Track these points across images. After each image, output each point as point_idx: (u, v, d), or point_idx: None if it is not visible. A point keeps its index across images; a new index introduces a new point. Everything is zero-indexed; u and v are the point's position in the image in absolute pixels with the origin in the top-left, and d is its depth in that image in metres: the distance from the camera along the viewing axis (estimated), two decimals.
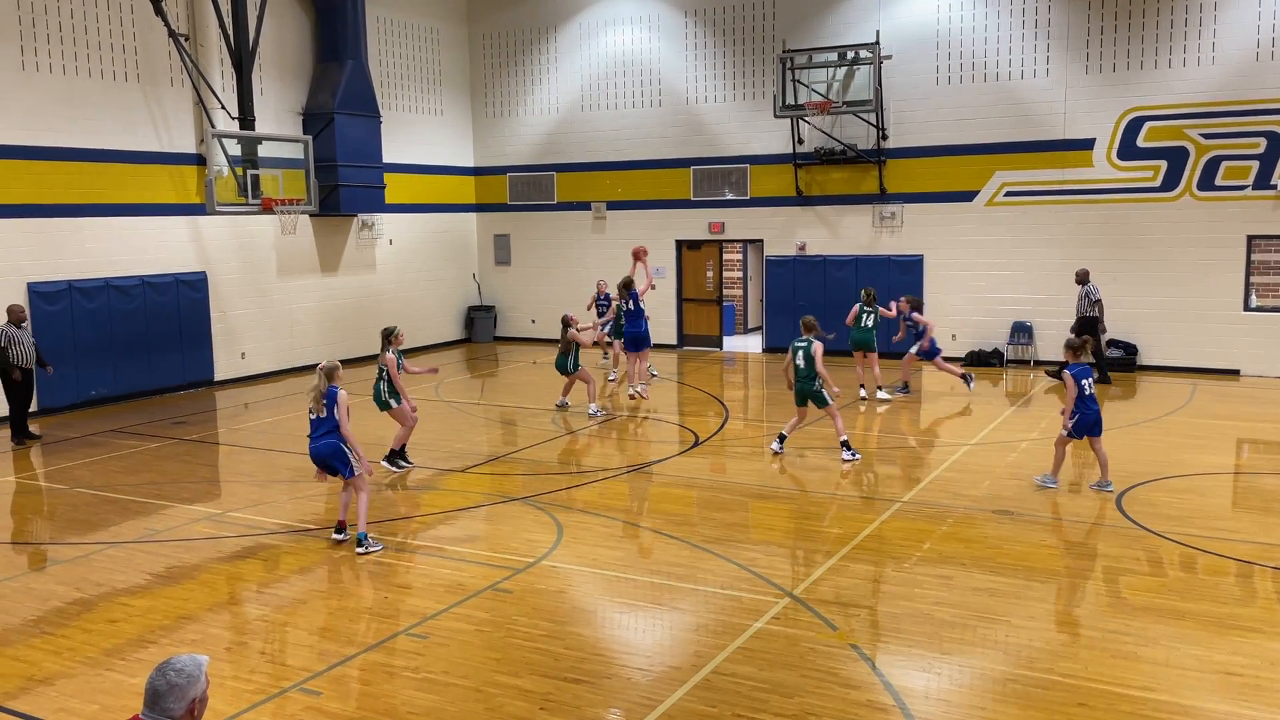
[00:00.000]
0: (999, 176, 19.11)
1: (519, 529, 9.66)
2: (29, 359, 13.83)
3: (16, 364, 13.67)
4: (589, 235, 23.20)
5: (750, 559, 8.67)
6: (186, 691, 3.37)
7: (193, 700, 3.39)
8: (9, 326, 13.72)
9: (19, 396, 13.87)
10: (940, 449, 12.81)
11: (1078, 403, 10.35)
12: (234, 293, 18.64)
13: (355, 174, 19.85)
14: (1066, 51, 18.36)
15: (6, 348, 13.62)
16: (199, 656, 3.47)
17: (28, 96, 15.33)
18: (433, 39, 22.96)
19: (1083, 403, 10.35)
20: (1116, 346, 18.44)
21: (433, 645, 7.03)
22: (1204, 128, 17.55)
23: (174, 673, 3.37)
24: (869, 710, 6.03)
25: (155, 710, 3.35)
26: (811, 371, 11.89)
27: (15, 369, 13.66)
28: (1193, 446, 12.66)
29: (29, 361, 13.83)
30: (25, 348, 13.79)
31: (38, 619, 7.67)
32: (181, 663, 3.41)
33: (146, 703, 3.38)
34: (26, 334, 13.89)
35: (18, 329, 13.75)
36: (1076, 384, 10.31)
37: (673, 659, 6.80)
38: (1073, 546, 9.01)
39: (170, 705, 3.34)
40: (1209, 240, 17.72)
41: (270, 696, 6.31)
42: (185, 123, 17.64)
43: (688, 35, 21.61)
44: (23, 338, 13.79)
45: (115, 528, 10.04)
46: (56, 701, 6.33)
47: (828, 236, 20.83)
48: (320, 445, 9.25)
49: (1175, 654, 6.73)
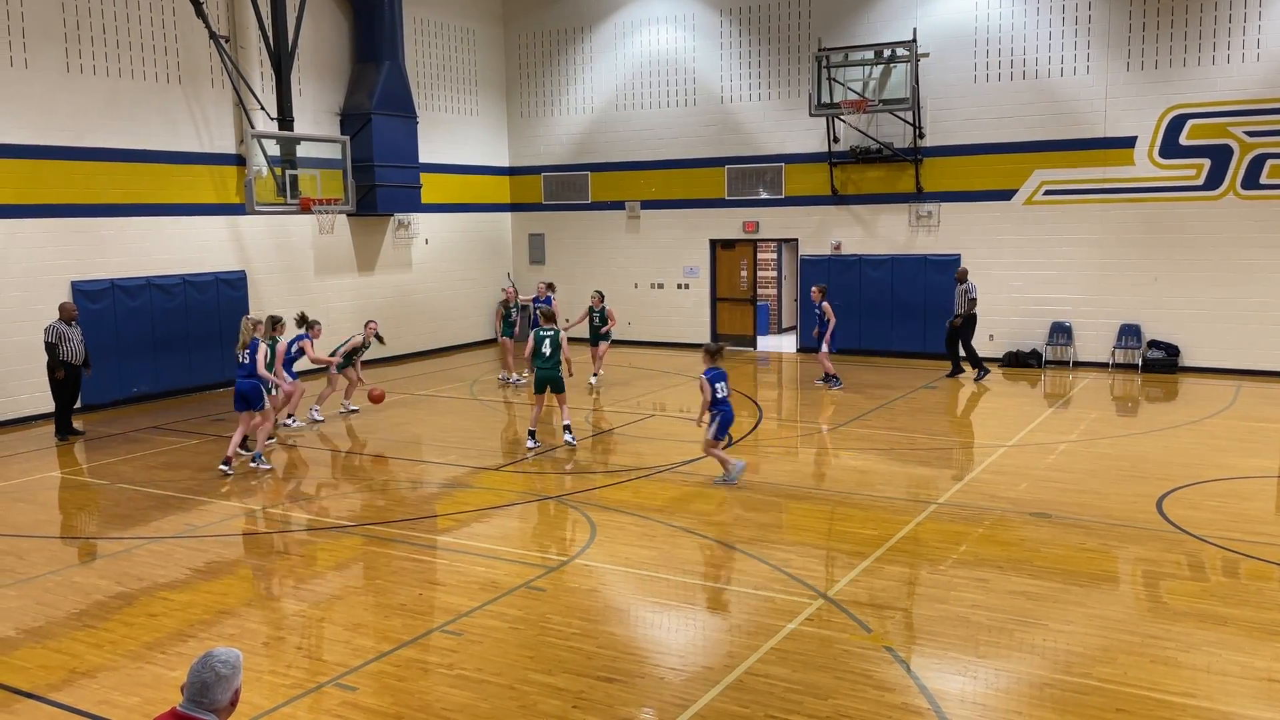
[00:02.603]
0: (1038, 175, 18.90)
1: (553, 527, 9.69)
2: (77, 356, 13.95)
3: (65, 360, 13.81)
4: (623, 235, 23.22)
5: (784, 559, 8.64)
6: (232, 682, 3.51)
7: (235, 691, 3.53)
8: (59, 324, 13.85)
9: (65, 393, 14.05)
10: (977, 450, 12.68)
11: (714, 405, 10.96)
12: (273, 291, 18.85)
13: (392, 174, 20.00)
14: (1107, 49, 18.12)
15: (55, 344, 13.75)
16: (234, 649, 3.61)
17: (72, 98, 15.59)
18: (469, 39, 23.08)
19: (718, 405, 10.98)
20: (1158, 347, 18.19)
21: (467, 642, 7.06)
22: (1248, 125, 17.25)
23: (220, 664, 3.49)
24: (903, 713, 5.99)
25: (203, 701, 3.45)
26: (557, 359, 12.73)
27: (61, 366, 13.82)
28: (1236, 449, 12.45)
29: (77, 359, 13.95)
30: (74, 345, 13.90)
31: (80, 612, 7.80)
32: (224, 655, 3.53)
33: (191, 696, 3.46)
34: (76, 332, 13.98)
35: (68, 327, 13.87)
36: (711, 386, 10.94)
37: (705, 659, 6.79)
38: (1112, 550, 8.89)
39: (218, 697, 3.47)
40: (1253, 240, 17.41)
41: (307, 691, 6.37)
42: (225, 123, 17.87)
43: (723, 34, 21.56)
44: (72, 335, 13.89)
45: (156, 523, 10.19)
46: (98, 694, 6.44)
47: (863, 236, 20.71)
48: (243, 384, 11.87)
49: (1216, 660, 6.62)
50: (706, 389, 10.99)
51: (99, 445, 13.78)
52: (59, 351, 13.77)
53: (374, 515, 10.37)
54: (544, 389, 12.82)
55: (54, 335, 13.79)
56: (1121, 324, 18.54)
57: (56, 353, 13.77)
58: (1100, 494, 10.51)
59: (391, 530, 9.75)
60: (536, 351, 12.71)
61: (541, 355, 12.69)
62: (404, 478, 11.88)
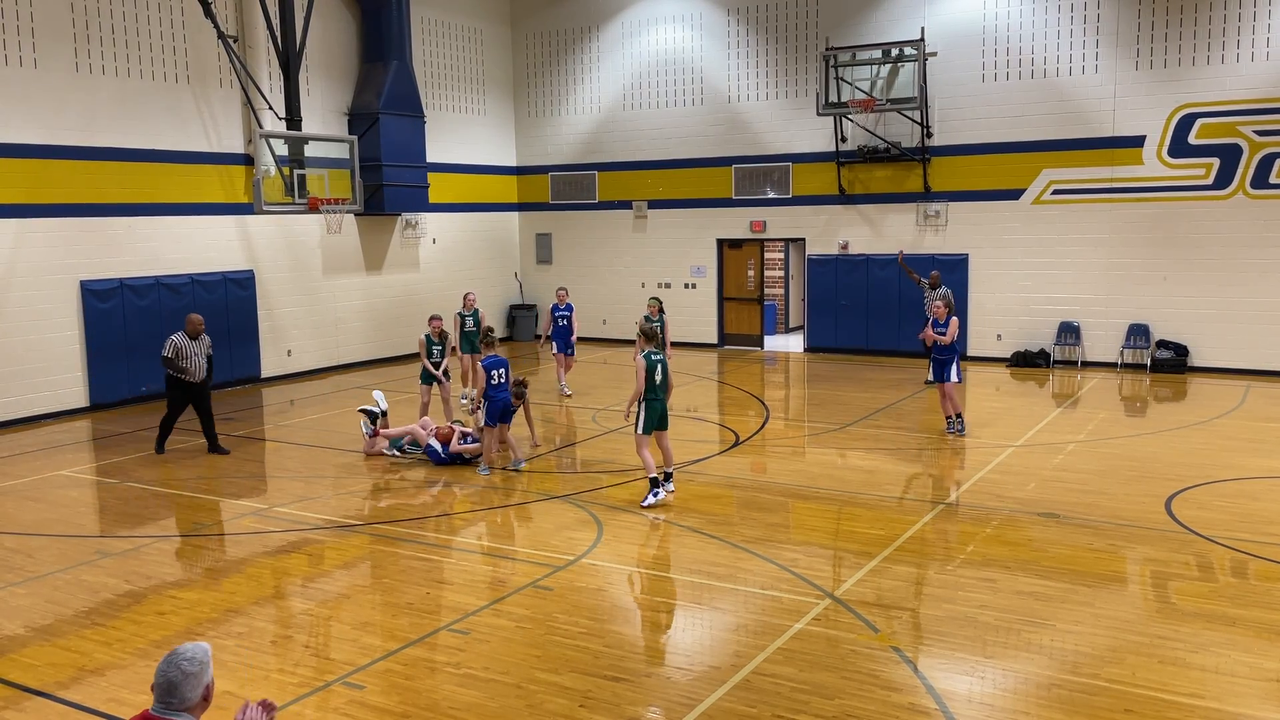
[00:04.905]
0: (1046, 174, 18.86)
1: (560, 527, 9.70)
2: (198, 373, 12.76)
3: (186, 377, 12.69)
4: (630, 234, 23.23)
5: (791, 559, 8.63)
6: (201, 678, 3.42)
7: (206, 686, 3.44)
8: (181, 337, 12.72)
9: (179, 409, 12.96)
10: (985, 450, 12.67)
11: (489, 390, 11.67)
12: (280, 291, 18.90)
13: (399, 174, 20.04)
14: (1116, 48, 18.07)
15: (174, 359, 12.64)
16: (202, 644, 3.52)
17: (81, 98, 15.65)
18: (476, 39, 23.11)
19: (493, 390, 11.70)
20: (1166, 347, 18.14)
21: (474, 641, 7.07)
22: (1258, 124, 17.19)
23: (186, 662, 3.41)
24: (910, 713, 5.98)
25: (172, 701, 3.37)
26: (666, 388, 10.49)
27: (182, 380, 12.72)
28: (1244, 449, 12.41)
29: (200, 375, 12.79)
30: (198, 361, 12.77)
31: (89, 610, 7.83)
32: (190, 651, 3.44)
33: (159, 696, 3.38)
34: (202, 345, 12.82)
35: (193, 341, 12.73)
36: (487, 374, 11.67)
37: (712, 658, 6.79)
38: (1120, 550, 8.86)
39: (187, 695, 3.38)
40: (1263, 239, 17.35)
41: (314, 690, 6.39)
42: (234, 123, 17.92)
43: (730, 33, 21.55)
44: (196, 350, 12.74)
45: (164, 521, 10.22)
46: (107, 692, 6.46)
47: (871, 235, 20.68)
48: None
49: (1225, 661, 6.60)
50: (482, 376, 11.60)
51: (108, 444, 13.82)
52: (178, 367, 12.64)
53: (381, 514, 10.39)
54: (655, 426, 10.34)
55: (171, 350, 12.61)
56: (1130, 324, 18.49)
57: (176, 368, 12.64)
58: (1108, 494, 10.48)
59: (399, 529, 9.77)
60: (648, 380, 10.27)
61: (653, 384, 10.27)
62: (420, 479, 11.90)
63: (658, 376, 10.24)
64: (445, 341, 14.26)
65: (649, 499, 10.19)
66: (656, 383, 10.24)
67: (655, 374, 10.22)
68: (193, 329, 12.74)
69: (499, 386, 11.79)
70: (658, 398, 10.29)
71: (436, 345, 14.16)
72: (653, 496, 10.20)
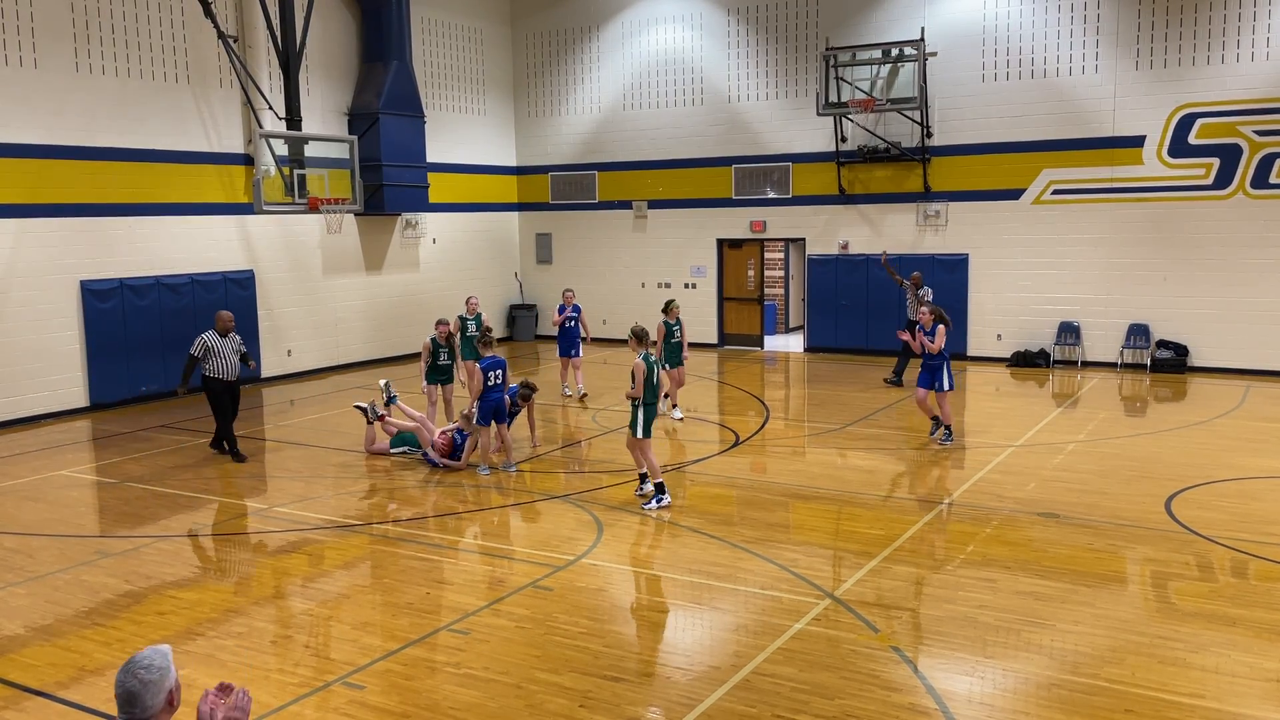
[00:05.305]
0: (1046, 174, 18.86)
1: (559, 527, 9.70)
2: (230, 371, 12.40)
3: (217, 376, 12.34)
4: (630, 234, 23.23)
5: (791, 559, 8.63)
6: (161, 685, 3.29)
7: (169, 691, 3.32)
8: (211, 335, 12.38)
9: (222, 410, 12.57)
10: (985, 450, 12.66)
11: (484, 390, 11.72)
12: (280, 291, 18.90)
13: (399, 174, 20.04)
14: (1116, 47, 18.07)
15: (202, 359, 12.31)
16: (162, 647, 3.39)
17: (81, 98, 15.65)
18: (476, 39, 23.11)
19: (488, 391, 11.75)
20: (1166, 347, 18.14)
21: (474, 641, 7.07)
22: (1258, 124, 17.19)
23: (143, 670, 3.28)
24: (911, 713, 5.98)
25: (134, 711, 3.26)
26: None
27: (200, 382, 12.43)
28: (1244, 449, 12.41)
29: (230, 374, 12.41)
30: (227, 359, 12.38)
31: (89, 610, 7.83)
32: (148, 658, 3.32)
33: (121, 708, 3.27)
34: (231, 343, 12.45)
35: (222, 339, 12.37)
36: (484, 375, 11.72)
37: (712, 659, 6.79)
38: (1120, 550, 8.86)
39: (149, 703, 3.27)
40: (1263, 239, 17.35)
41: (314, 690, 6.39)
42: (234, 123, 17.92)
43: (730, 34, 21.55)
44: (225, 347, 12.37)
45: (164, 521, 10.22)
46: (106, 692, 6.45)
47: (871, 235, 20.68)
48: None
49: (1225, 661, 6.60)
50: (479, 376, 11.61)
51: (107, 444, 13.82)
52: (206, 366, 12.30)
53: (381, 514, 10.40)
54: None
55: (200, 349, 12.31)
56: (1130, 324, 18.49)
57: (203, 367, 12.31)
58: (1108, 494, 10.48)
59: (399, 529, 9.77)
60: (646, 383, 10.25)
61: (651, 386, 10.27)
62: (420, 479, 11.90)
63: (654, 379, 10.34)
64: (452, 345, 14.21)
65: (664, 500, 10.16)
66: (654, 384, 10.31)
67: (653, 377, 10.31)
68: (223, 326, 12.43)
69: (495, 388, 11.81)
70: (654, 400, 10.35)
71: (443, 348, 14.01)
72: (657, 501, 10.16)
